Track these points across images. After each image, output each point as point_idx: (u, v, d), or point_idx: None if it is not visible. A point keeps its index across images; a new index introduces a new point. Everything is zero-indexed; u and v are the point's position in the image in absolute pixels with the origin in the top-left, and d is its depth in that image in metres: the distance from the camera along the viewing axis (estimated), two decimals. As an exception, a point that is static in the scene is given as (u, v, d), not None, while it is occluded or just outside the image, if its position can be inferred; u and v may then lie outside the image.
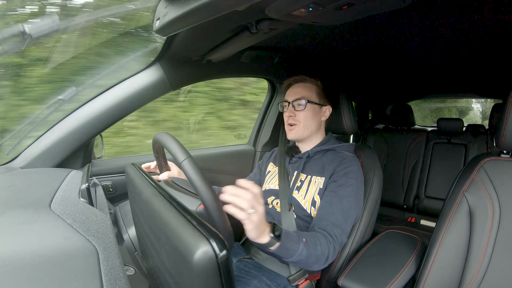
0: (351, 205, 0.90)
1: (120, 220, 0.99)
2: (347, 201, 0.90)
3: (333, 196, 0.91)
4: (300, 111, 1.01)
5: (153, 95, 1.12)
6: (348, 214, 0.89)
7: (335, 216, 0.87)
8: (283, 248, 0.72)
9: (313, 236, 0.81)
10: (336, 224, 0.86)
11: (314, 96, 1.04)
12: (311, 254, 0.77)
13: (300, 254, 0.75)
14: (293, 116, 1.02)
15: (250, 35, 0.87)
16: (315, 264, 0.80)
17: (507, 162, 0.83)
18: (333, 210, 0.88)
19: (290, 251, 0.74)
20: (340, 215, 0.87)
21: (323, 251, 0.80)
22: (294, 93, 1.04)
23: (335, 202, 0.90)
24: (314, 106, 1.03)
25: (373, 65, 1.67)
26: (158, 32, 0.83)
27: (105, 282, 0.36)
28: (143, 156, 1.37)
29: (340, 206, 0.89)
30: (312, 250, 0.77)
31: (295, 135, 1.03)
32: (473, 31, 1.05)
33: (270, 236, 0.68)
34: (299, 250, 0.74)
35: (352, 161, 0.97)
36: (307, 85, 1.05)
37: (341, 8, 0.68)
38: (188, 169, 0.61)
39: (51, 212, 0.53)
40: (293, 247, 0.74)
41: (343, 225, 0.87)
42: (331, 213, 0.88)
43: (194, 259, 0.33)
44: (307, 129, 1.03)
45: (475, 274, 0.77)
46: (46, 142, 0.98)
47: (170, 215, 0.43)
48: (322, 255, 0.80)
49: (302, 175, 1.01)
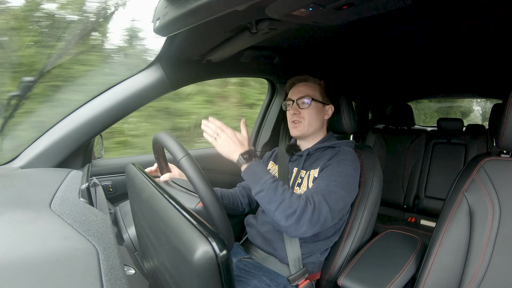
0: (338, 184, 0.86)
1: (120, 220, 0.99)
2: (335, 179, 0.87)
3: (322, 175, 0.91)
4: (305, 109, 1.02)
5: (153, 95, 1.12)
6: (334, 189, 0.84)
7: (319, 187, 0.85)
8: (250, 171, 0.80)
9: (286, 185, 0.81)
10: (317, 191, 0.83)
11: (317, 94, 1.04)
12: (277, 191, 0.77)
13: (265, 183, 0.78)
14: (298, 114, 1.02)
15: (250, 35, 0.87)
16: (280, 212, 0.76)
17: (507, 162, 0.83)
18: (318, 184, 0.87)
19: (256, 176, 0.79)
20: (324, 187, 0.85)
21: (292, 201, 0.76)
22: (298, 91, 1.04)
23: (322, 179, 0.89)
24: (318, 104, 1.03)
25: (373, 65, 1.67)
26: (158, 32, 0.83)
27: (105, 282, 0.36)
28: (143, 156, 1.37)
29: (326, 181, 0.87)
30: (279, 189, 0.78)
31: (300, 132, 1.03)
32: (473, 31, 1.05)
33: (239, 154, 0.80)
34: (265, 179, 0.78)
35: (348, 153, 0.96)
36: (310, 84, 1.06)
37: (341, 8, 0.68)
38: (187, 167, 0.61)
39: (51, 212, 0.53)
40: (261, 174, 0.79)
41: (326, 196, 0.82)
42: (316, 186, 0.87)
43: (194, 259, 0.33)
44: (311, 126, 1.03)
45: (475, 274, 0.77)
46: (46, 142, 0.98)
47: (170, 215, 0.43)
48: (289, 204, 0.76)
49: (302, 171, 1.01)
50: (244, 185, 1.19)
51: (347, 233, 1.01)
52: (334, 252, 1.00)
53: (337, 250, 1.00)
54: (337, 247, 1.00)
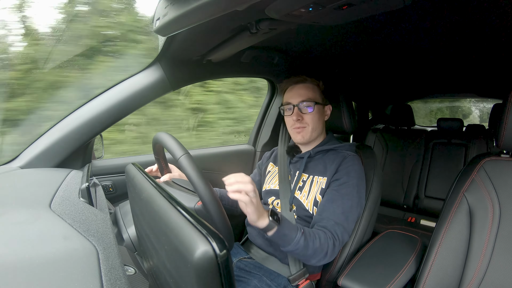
0: (353, 203, 0.89)
1: (120, 220, 0.99)
2: (348, 199, 0.89)
3: (335, 194, 0.90)
4: (308, 114, 0.98)
5: (153, 95, 1.12)
6: (349, 213, 0.88)
7: (336, 214, 0.87)
8: (280, 234, 0.74)
9: (312, 230, 0.81)
10: (337, 222, 0.85)
11: (318, 96, 1.01)
12: (309, 246, 0.77)
13: (297, 243, 0.75)
14: (301, 120, 0.98)
15: (250, 35, 0.87)
16: (313, 258, 0.80)
17: (507, 162, 0.83)
18: (334, 208, 0.88)
19: (287, 238, 0.75)
20: (341, 213, 0.87)
21: (322, 245, 0.79)
22: (299, 95, 1.00)
23: (336, 200, 0.89)
24: (320, 106, 1.01)
25: (373, 65, 1.67)
26: (158, 32, 0.83)
27: (105, 282, 0.36)
28: (143, 156, 1.37)
29: (342, 205, 0.88)
30: (310, 242, 0.77)
31: (304, 138, 1.00)
32: (473, 31, 1.05)
33: (269, 219, 0.72)
34: (296, 238, 0.75)
35: (354, 160, 0.96)
36: (309, 85, 1.02)
37: (341, 8, 0.68)
38: (185, 165, 0.61)
39: (51, 212, 0.53)
40: (291, 234, 0.75)
41: (344, 223, 0.86)
42: (333, 211, 0.87)
43: (194, 259, 0.33)
44: (315, 131, 1.01)
45: (475, 274, 0.77)
46: (45, 142, 0.97)
47: (170, 215, 0.43)
48: (321, 249, 0.79)
49: (304, 175, 1.00)
50: None
51: (347, 233, 1.00)
52: (334, 252, 1.00)
53: (337, 250, 1.00)
54: (337, 247, 1.00)
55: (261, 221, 0.72)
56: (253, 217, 0.71)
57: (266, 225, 0.72)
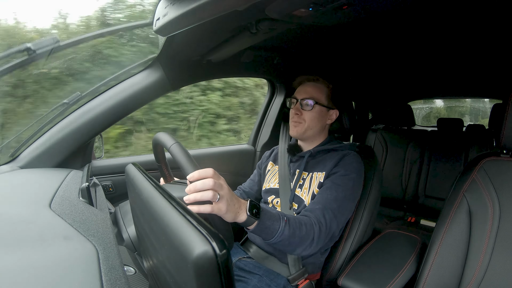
0: (346, 194, 0.88)
1: (120, 220, 0.99)
2: (343, 190, 0.88)
3: (330, 184, 0.90)
4: (307, 111, 1.00)
5: (153, 95, 1.12)
6: (342, 202, 0.86)
7: (328, 200, 0.85)
8: (262, 227, 0.68)
9: (296, 217, 0.78)
10: (327, 207, 0.83)
11: (323, 98, 1.02)
12: (294, 234, 0.73)
13: (282, 233, 0.71)
14: (299, 115, 1.00)
15: (250, 35, 0.87)
16: (299, 247, 0.76)
17: (507, 162, 0.83)
18: (327, 195, 0.87)
19: (270, 230, 0.70)
20: (333, 200, 0.85)
21: (308, 232, 0.76)
22: (304, 92, 1.02)
23: (330, 188, 0.89)
24: (322, 108, 1.01)
25: (373, 65, 1.67)
26: (158, 32, 0.83)
27: (105, 282, 0.36)
28: (143, 156, 1.37)
29: (335, 193, 0.87)
30: (296, 230, 0.74)
31: (297, 133, 1.02)
32: (474, 31, 1.05)
33: (247, 214, 0.65)
34: (280, 229, 0.71)
35: (354, 157, 0.96)
36: (318, 85, 1.03)
37: (341, 8, 0.68)
38: (176, 152, 0.62)
39: (51, 212, 0.53)
40: (274, 225, 0.70)
41: (335, 210, 0.84)
42: (325, 197, 0.86)
43: (194, 259, 0.33)
44: (310, 129, 1.01)
45: (475, 274, 0.77)
46: (45, 142, 0.97)
47: (170, 215, 0.43)
48: (307, 236, 0.76)
49: (305, 173, 1.01)
50: (245, 188, 1.19)
51: (347, 233, 1.00)
52: (334, 252, 1.00)
53: (337, 250, 1.00)
54: (337, 247, 1.00)
55: (239, 218, 0.64)
56: (228, 218, 0.62)
57: (245, 220, 0.65)
